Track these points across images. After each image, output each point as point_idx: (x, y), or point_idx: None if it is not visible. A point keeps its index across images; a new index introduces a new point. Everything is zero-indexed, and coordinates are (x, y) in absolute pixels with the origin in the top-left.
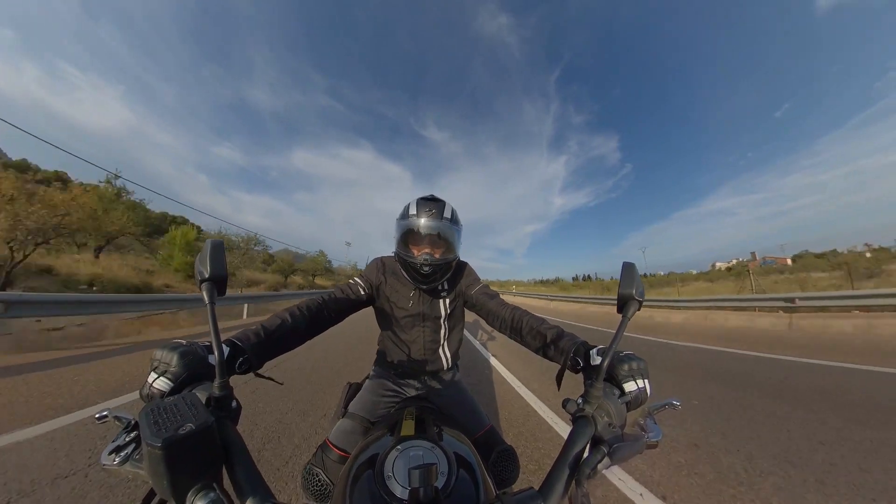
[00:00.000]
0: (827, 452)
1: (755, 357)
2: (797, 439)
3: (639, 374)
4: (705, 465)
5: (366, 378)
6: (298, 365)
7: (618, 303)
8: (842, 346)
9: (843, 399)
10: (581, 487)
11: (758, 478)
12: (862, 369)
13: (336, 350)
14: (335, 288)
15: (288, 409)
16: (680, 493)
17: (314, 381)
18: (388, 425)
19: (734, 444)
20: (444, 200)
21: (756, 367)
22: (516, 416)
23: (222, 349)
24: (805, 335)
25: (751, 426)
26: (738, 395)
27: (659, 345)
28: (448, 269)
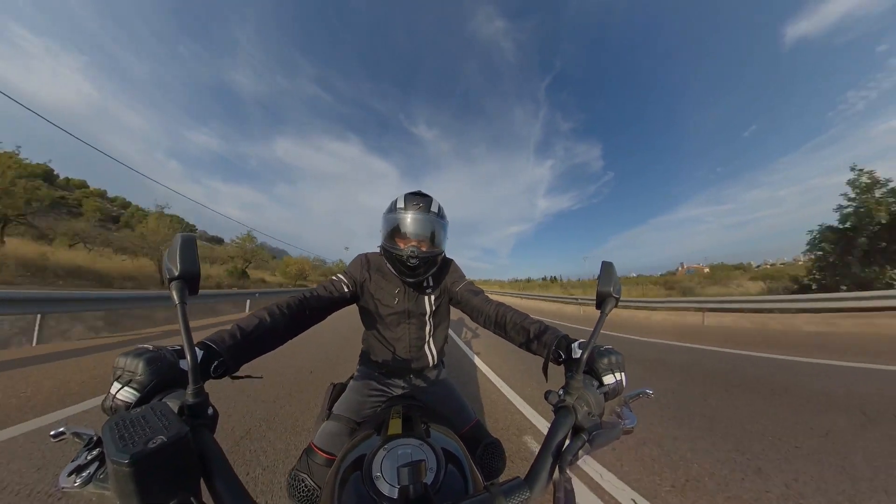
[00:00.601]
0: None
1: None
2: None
3: (617, 367)
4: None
5: (350, 378)
6: (279, 366)
7: (596, 299)
8: (736, 337)
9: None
10: (564, 473)
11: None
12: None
13: (319, 350)
14: (318, 285)
15: (269, 412)
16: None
17: (296, 382)
18: (374, 425)
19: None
20: (432, 196)
21: (669, 354)
22: (499, 412)
23: (195, 353)
24: (711, 329)
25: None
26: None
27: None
28: (434, 263)
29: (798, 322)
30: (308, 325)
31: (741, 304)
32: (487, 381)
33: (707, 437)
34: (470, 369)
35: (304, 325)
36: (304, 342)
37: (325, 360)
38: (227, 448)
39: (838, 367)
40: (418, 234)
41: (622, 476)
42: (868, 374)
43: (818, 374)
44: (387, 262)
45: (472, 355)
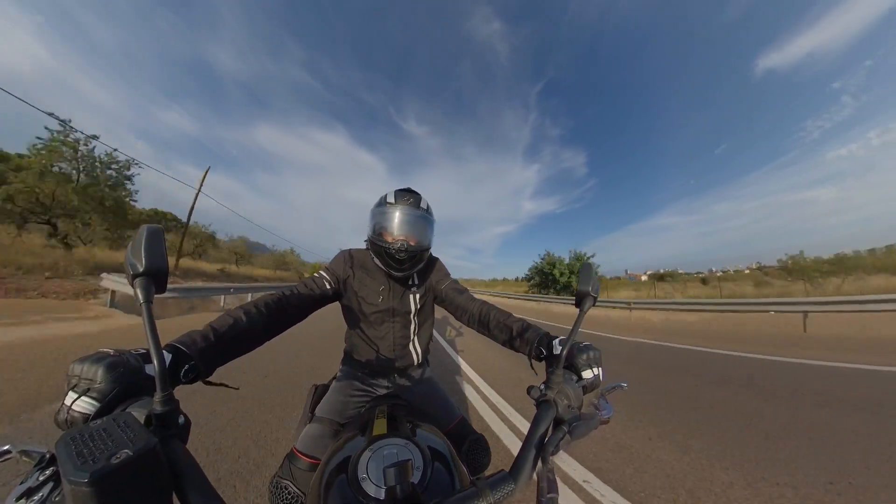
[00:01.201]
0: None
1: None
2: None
3: (595, 362)
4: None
5: (332, 379)
6: (256, 367)
7: (576, 298)
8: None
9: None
10: (546, 464)
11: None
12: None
13: (298, 350)
14: (298, 282)
15: (247, 417)
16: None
17: (274, 384)
18: (359, 426)
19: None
20: (421, 193)
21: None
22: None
23: (162, 356)
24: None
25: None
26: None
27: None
28: (421, 259)
29: (682, 317)
30: (288, 325)
31: (655, 305)
32: (466, 376)
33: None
34: (452, 366)
35: (284, 325)
36: (280, 343)
37: (298, 364)
38: (203, 461)
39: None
40: (407, 229)
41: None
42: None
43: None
44: (373, 258)
45: (455, 355)
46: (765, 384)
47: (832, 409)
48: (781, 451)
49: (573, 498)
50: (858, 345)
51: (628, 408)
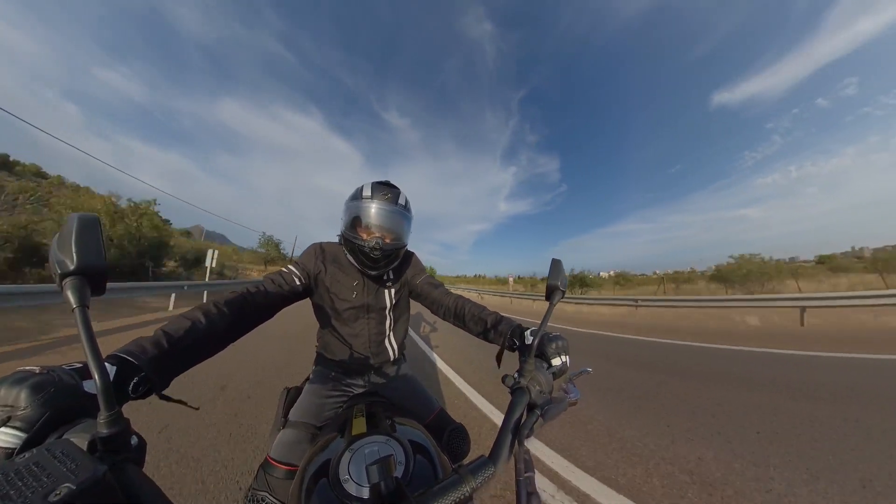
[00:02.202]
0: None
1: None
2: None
3: (563, 350)
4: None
5: (305, 380)
6: (211, 377)
7: (546, 292)
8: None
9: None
10: (522, 446)
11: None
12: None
13: (267, 350)
14: (264, 278)
15: (212, 429)
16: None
17: (242, 389)
18: (336, 427)
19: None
20: (399, 188)
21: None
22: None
23: (105, 370)
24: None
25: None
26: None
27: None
28: (397, 256)
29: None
30: (253, 325)
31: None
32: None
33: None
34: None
35: (249, 325)
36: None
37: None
38: (164, 484)
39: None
40: (383, 226)
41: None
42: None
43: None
44: (345, 253)
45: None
46: (695, 369)
47: (734, 386)
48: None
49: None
50: (769, 334)
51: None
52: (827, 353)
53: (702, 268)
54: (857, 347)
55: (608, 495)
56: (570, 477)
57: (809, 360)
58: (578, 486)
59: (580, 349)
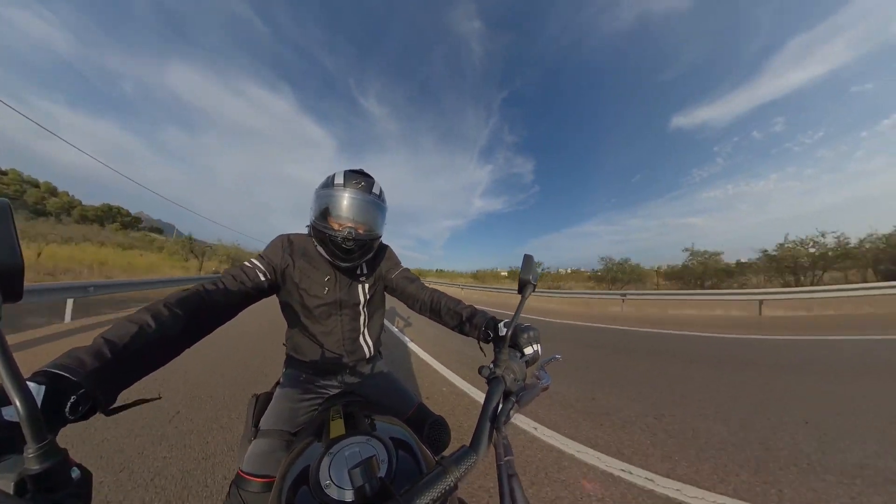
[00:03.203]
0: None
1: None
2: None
3: (535, 339)
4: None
5: (276, 385)
6: (177, 378)
7: (518, 285)
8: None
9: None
10: (501, 432)
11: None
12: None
13: (230, 353)
14: (224, 273)
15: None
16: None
17: (203, 397)
18: (313, 431)
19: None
20: (374, 177)
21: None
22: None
23: (28, 392)
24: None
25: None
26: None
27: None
28: (370, 248)
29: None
30: (211, 327)
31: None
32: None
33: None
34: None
35: (206, 327)
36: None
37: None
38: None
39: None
40: (356, 216)
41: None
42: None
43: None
44: (315, 245)
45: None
46: (631, 347)
47: (658, 358)
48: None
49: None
50: (679, 321)
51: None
52: (740, 336)
53: (653, 265)
54: (750, 331)
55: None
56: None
57: (724, 340)
58: (518, 423)
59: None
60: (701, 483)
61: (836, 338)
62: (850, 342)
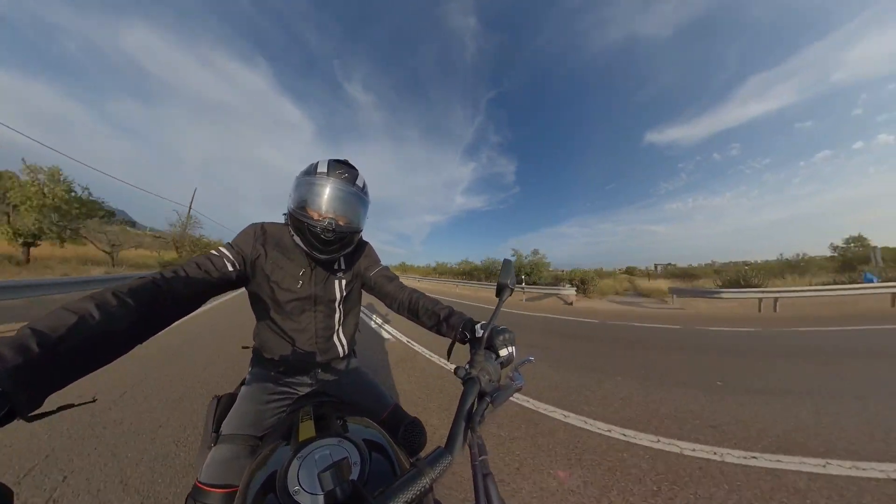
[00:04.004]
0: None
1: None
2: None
3: (510, 342)
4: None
5: (240, 385)
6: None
7: (496, 288)
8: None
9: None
10: (475, 433)
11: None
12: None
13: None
14: (188, 262)
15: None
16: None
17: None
18: (281, 434)
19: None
20: (358, 169)
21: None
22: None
23: None
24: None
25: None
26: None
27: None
28: (350, 242)
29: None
30: (168, 320)
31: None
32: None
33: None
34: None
35: (162, 321)
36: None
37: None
38: None
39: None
40: (338, 207)
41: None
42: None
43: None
44: (292, 235)
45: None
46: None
47: (615, 344)
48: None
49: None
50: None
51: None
52: (697, 327)
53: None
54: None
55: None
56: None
57: (675, 331)
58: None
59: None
60: (605, 420)
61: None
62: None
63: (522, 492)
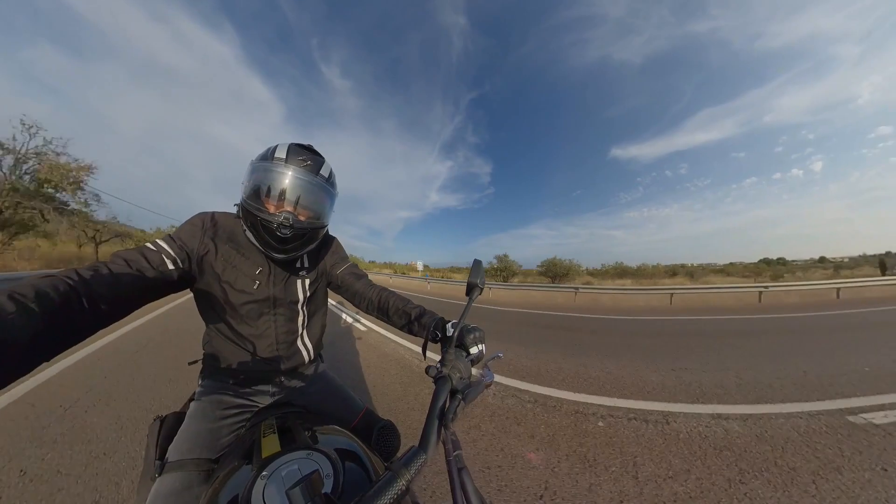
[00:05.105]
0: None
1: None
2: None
3: (480, 340)
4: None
5: (188, 402)
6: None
7: (466, 288)
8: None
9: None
10: (448, 430)
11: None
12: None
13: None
14: (113, 257)
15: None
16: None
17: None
18: (240, 454)
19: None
20: (324, 157)
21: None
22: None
23: None
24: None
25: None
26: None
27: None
28: (312, 239)
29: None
30: (87, 331)
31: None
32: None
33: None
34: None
35: (79, 331)
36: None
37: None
38: None
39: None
40: (298, 198)
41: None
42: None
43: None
44: (245, 228)
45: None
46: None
47: (571, 332)
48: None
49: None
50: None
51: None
52: (627, 317)
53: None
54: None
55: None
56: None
57: (617, 321)
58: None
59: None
60: (560, 388)
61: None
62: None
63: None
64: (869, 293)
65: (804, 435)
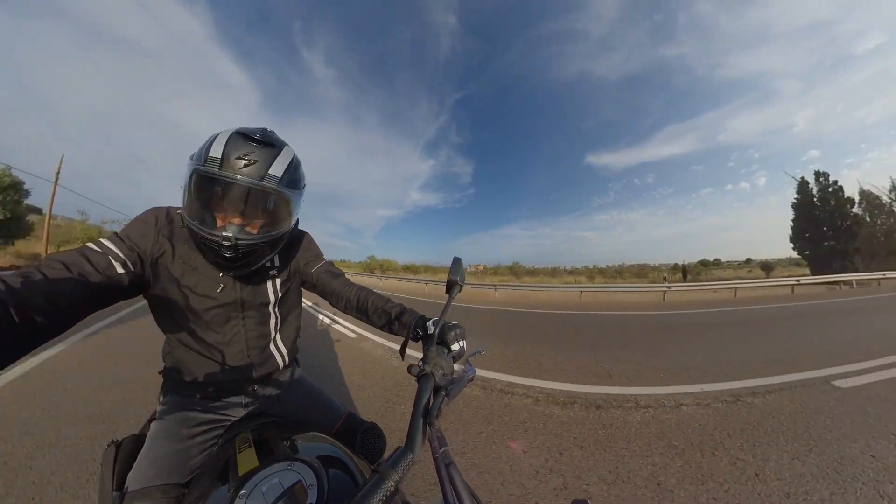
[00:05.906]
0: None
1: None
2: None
3: (461, 336)
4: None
5: (148, 422)
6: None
7: (446, 285)
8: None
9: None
10: (433, 427)
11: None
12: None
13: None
14: (48, 259)
15: None
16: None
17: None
18: (214, 474)
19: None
20: (282, 143)
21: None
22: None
23: None
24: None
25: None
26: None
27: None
28: (274, 247)
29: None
30: (20, 348)
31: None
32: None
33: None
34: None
35: (10, 349)
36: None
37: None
38: None
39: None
40: (243, 207)
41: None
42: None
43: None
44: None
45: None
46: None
47: (543, 326)
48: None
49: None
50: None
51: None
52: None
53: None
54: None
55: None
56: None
57: (577, 315)
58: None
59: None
60: (530, 377)
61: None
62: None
63: None
64: (760, 292)
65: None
